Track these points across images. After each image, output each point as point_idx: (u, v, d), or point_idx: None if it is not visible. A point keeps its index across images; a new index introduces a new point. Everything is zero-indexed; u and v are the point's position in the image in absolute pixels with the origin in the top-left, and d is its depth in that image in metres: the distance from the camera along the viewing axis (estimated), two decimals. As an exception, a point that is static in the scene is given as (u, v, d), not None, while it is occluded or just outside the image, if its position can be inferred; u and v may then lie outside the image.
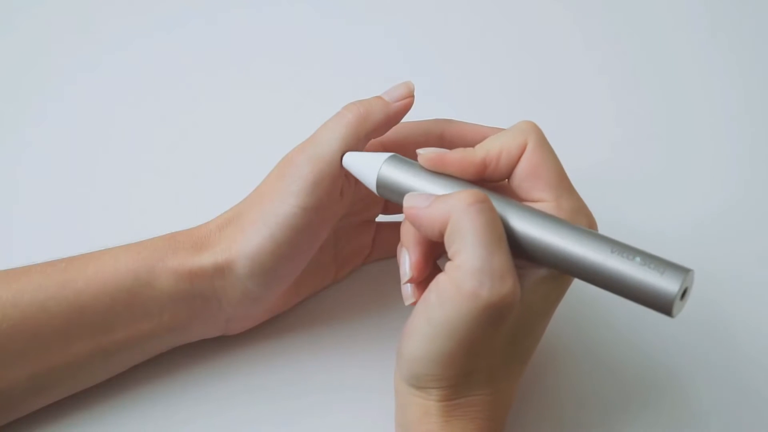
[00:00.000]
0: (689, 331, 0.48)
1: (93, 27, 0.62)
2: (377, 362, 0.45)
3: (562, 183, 0.39)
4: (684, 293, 0.34)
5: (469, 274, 0.35)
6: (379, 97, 0.42)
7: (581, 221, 0.38)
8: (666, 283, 0.34)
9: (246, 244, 0.41)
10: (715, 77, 0.61)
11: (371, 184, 0.40)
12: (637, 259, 0.35)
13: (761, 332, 0.48)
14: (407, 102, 0.42)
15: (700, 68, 0.62)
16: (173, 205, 0.52)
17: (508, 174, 0.39)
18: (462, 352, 0.37)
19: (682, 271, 0.34)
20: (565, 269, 0.37)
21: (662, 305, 0.34)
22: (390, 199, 0.40)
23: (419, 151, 0.39)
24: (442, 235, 0.37)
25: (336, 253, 0.48)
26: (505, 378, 0.40)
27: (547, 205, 0.38)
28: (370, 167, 0.40)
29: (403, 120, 0.43)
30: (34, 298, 0.40)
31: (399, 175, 0.40)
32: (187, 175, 0.54)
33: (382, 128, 0.42)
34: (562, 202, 0.38)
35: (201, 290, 0.42)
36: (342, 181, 0.42)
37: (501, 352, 0.38)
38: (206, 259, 0.41)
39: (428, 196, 0.38)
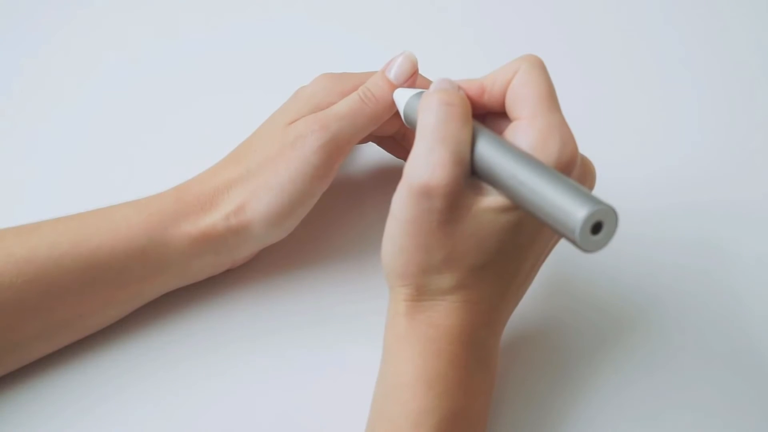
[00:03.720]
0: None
1: None
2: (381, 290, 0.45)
3: (543, 102, 0.38)
4: (598, 228, 0.33)
5: (408, 162, 0.38)
6: (386, 80, 0.44)
7: (552, 140, 0.37)
8: (576, 210, 0.33)
9: (262, 208, 0.43)
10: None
11: (401, 114, 0.44)
12: (560, 187, 0.34)
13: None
14: (412, 82, 0.45)
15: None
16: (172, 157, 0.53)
17: (503, 99, 0.40)
18: (411, 244, 0.38)
19: (596, 203, 0.33)
20: (507, 194, 0.37)
21: (569, 231, 0.33)
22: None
23: (434, 84, 0.41)
24: None
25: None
26: (476, 289, 0.39)
27: (520, 123, 0.38)
28: (401, 100, 0.44)
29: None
30: (48, 255, 0.41)
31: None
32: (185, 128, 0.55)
33: (389, 112, 0.45)
34: (537, 120, 0.38)
35: (215, 247, 0.44)
36: (348, 148, 0.45)
37: (460, 255, 0.38)
38: (219, 222, 0.44)
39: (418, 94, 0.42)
